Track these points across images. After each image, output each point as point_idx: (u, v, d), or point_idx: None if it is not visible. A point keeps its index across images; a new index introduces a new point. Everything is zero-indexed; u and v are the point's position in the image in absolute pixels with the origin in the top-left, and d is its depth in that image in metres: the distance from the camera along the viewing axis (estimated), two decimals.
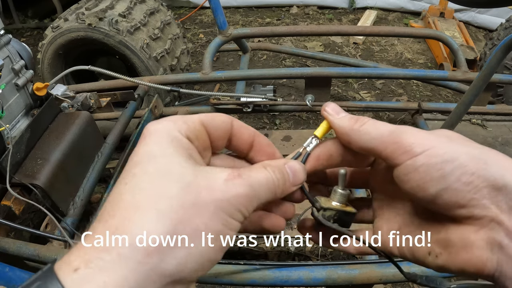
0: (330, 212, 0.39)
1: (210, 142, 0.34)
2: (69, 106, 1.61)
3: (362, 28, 2.44)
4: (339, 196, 0.40)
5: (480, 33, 3.71)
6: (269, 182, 0.32)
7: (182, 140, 0.30)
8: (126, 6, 2.13)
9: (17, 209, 1.21)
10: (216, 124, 0.34)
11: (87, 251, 0.25)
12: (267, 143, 0.37)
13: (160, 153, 0.29)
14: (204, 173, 0.29)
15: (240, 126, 0.36)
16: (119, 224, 0.25)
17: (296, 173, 0.35)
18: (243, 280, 1.06)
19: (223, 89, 2.92)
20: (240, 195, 0.29)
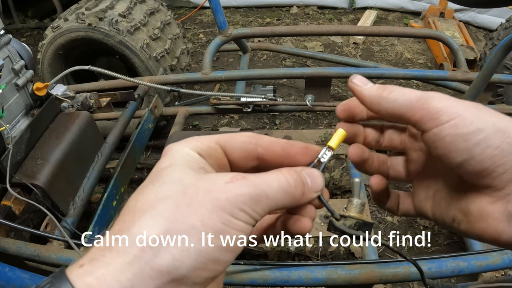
0: (350, 221, 0.38)
1: (228, 161, 0.36)
2: (69, 106, 1.61)
3: (362, 28, 2.44)
4: (355, 205, 0.40)
5: (480, 33, 3.71)
6: (281, 184, 0.32)
7: (193, 155, 0.32)
8: (126, 6, 2.13)
9: (17, 209, 1.21)
10: (234, 144, 0.35)
11: (93, 251, 0.28)
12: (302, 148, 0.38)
13: (169, 165, 0.31)
14: (207, 178, 0.31)
15: (270, 142, 0.37)
16: (122, 226, 0.28)
17: (314, 179, 0.36)
18: (243, 280, 1.06)
19: (223, 89, 2.92)
20: (242, 194, 0.30)
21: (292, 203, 0.34)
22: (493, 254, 1.10)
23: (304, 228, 0.37)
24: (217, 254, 0.28)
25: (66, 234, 1.17)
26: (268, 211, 0.32)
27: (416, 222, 1.93)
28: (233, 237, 0.29)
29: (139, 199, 0.29)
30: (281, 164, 0.37)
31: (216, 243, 0.28)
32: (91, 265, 0.26)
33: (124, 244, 0.27)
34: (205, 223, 0.28)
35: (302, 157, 0.38)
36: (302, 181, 0.34)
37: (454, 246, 1.81)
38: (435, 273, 1.07)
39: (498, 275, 1.18)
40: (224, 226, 0.28)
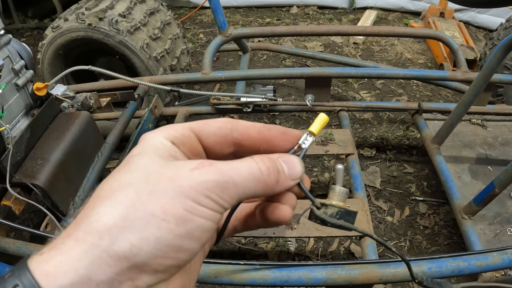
0: (332, 210, 0.37)
1: (203, 148, 0.35)
2: (69, 106, 1.61)
3: (362, 28, 2.44)
4: (338, 193, 0.38)
5: (480, 33, 3.71)
6: (252, 171, 0.31)
7: (165, 143, 0.32)
8: (126, 6, 2.13)
9: (17, 209, 1.21)
10: (210, 130, 0.35)
11: (53, 240, 0.27)
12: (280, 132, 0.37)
13: (138, 153, 0.31)
14: (173, 165, 0.30)
15: (247, 127, 0.36)
16: (83, 214, 0.28)
17: (292, 166, 0.35)
18: (243, 280, 1.06)
19: (223, 89, 2.92)
20: (207, 181, 0.29)
21: (265, 192, 0.33)
22: (493, 254, 1.10)
23: (283, 216, 0.36)
24: (179, 241, 0.28)
25: None
26: (237, 199, 0.31)
27: (416, 222, 1.94)
28: (198, 224, 0.28)
29: (103, 187, 0.29)
30: (258, 149, 0.36)
31: (177, 231, 0.27)
32: (50, 253, 0.26)
33: (82, 232, 0.26)
34: (166, 210, 0.27)
35: (280, 142, 0.37)
36: (276, 168, 0.33)
37: (454, 246, 1.81)
38: (435, 273, 1.07)
39: (498, 275, 1.18)
40: (187, 213, 0.28)
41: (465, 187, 1.57)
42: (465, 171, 1.65)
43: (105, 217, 0.27)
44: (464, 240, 1.38)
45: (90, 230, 0.26)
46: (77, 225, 0.27)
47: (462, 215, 1.42)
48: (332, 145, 1.68)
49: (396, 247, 1.83)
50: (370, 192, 2.09)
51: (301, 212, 1.38)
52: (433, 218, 1.94)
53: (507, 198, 1.50)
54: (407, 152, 2.33)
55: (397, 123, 2.55)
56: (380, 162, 2.28)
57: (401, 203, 2.04)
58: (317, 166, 2.27)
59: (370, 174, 2.19)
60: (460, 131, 1.84)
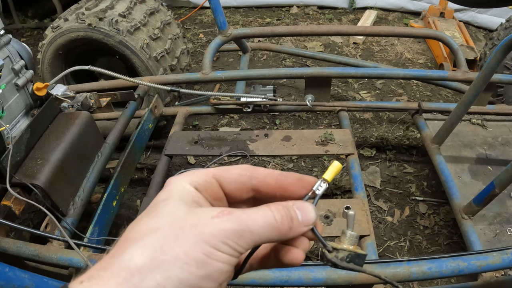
0: (343, 254, 0.39)
1: (224, 193, 0.39)
2: (69, 106, 1.61)
3: (362, 28, 2.44)
4: (349, 238, 0.40)
5: (480, 33, 3.71)
6: (267, 220, 0.35)
7: (189, 189, 0.36)
8: (126, 6, 2.13)
9: (17, 209, 1.21)
10: (230, 177, 0.39)
11: (91, 270, 0.31)
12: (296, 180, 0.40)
13: (165, 199, 0.35)
14: (196, 212, 0.34)
15: (265, 175, 0.39)
16: (116, 251, 0.32)
17: (305, 213, 0.37)
18: (243, 280, 1.06)
19: (223, 89, 2.92)
20: (225, 229, 0.33)
21: (279, 238, 0.36)
22: (493, 254, 1.10)
23: (296, 259, 0.38)
24: (198, 282, 0.31)
25: (66, 234, 1.17)
26: (252, 245, 0.34)
27: (416, 222, 1.94)
28: (216, 268, 0.32)
29: (133, 229, 0.33)
30: (275, 195, 0.40)
31: (197, 273, 0.31)
32: (89, 283, 0.30)
33: (116, 267, 0.30)
34: (188, 254, 0.31)
35: (296, 188, 0.40)
36: (290, 216, 0.36)
37: (454, 246, 1.81)
38: (435, 273, 1.07)
39: (498, 275, 1.18)
40: (205, 257, 0.31)
41: (465, 187, 1.57)
42: (465, 171, 1.65)
43: (136, 257, 0.31)
44: (464, 240, 1.37)
45: (123, 267, 0.30)
46: (111, 261, 0.31)
47: (462, 215, 1.42)
48: (332, 145, 1.68)
49: (396, 247, 1.84)
50: (370, 192, 2.09)
51: None
52: (433, 218, 1.94)
53: (507, 198, 1.50)
54: (407, 152, 2.33)
55: (397, 123, 2.55)
56: (380, 162, 2.28)
57: (401, 203, 2.04)
58: (317, 166, 2.27)
59: (370, 174, 2.19)
60: (460, 131, 1.84)
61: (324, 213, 1.37)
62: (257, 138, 1.73)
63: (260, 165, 2.27)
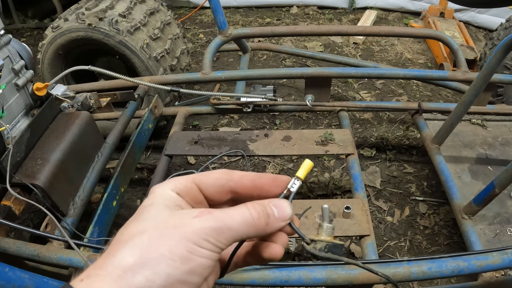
0: (320, 245, 0.42)
1: (204, 197, 0.42)
2: (69, 106, 1.61)
3: (362, 28, 2.44)
4: (325, 229, 0.44)
5: (480, 33, 3.71)
6: (244, 217, 0.38)
7: (171, 195, 0.40)
8: (126, 6, 2.13)
9: (17, 209, 1.21)
10: (209, 181, 0.42)
11: (89, 269, 0.35)
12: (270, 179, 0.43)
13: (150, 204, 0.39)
14: (178, 214, 0.37)
15: (241, 177, 0.43)
16: (109, 252, 0.35)
17: (282, 209, 0.40)
18: (243, 280, 1.06)
19: (223, 89, 2.92)
20: (205, 227, 0.36)
21: (257, 233, 0.39)
22: (493, 254, 1.09)
23: (275, 254, 0.41)
24: (184, 276, 0.34)
25: (66, 234, 1.17)
26: (232, 241, 0.37)
27: (416, 222, 1.94)
28: (199, 263, 0.35)
29: (124, 233, 0.37)
30: (252, 195, 0.43)
31: (182, 268, 0.34)
32: (88, 280, 0.34)
33: (111, 266, 0.34)
34: (172, 251, 0.34)
35: (271, 188, 0.43)
36: (266, 213, 0.39)
37: (454, 246, 1.81)
38: (435, 273, 1.07)
39: (498, 275, 1.18)
40: (189, 254, 0.35)
41: (465, 187, 1.57)
42: (465, 171, 1.65)
43: (127, 257, 0.34)
44: (464, 240, 1.37)
45: (116, 266, 0.34)
46: (105, 260, 0.35)
47: (462, 215, 1.42)
48: (332, 145, 1.68)
49: (396, 247, 1.84)
50: (370, 192, 2.09)
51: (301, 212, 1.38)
52: (433, 218, 1.94)
53: (507, 198, 1.50)
54: (407, 152, 2.33)
55: (397, 123, 2.55)
56: (380, 162, 2.28)
57: (401, 203, 2.04)
58: (317, 166, 2.27)
59: (370, 174, 2.19)
60: (460, 131, 1.84)
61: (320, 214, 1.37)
62: (257, 138, 1.73)
63: (260, 165, 2.27)
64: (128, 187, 1.82)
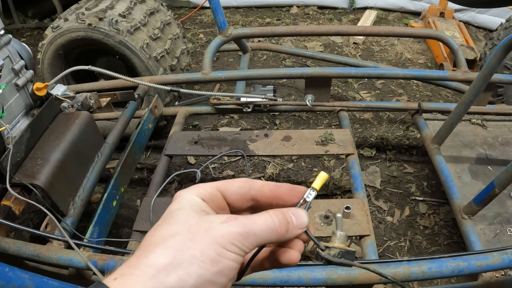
0: (334, 251, 0.45)
1: (227, 203, 0.45)
2: (69, 106, 1.61)
3: (362, 28, 2.44)
4: (339, 237, 0.46)
5: (480, 33, 3.71)
6: (267, 223, 0.40)
7: (197, 201, 0.42)
8: (126, 6, 2.13)
9: (17, 209, 1.21)
10: (231, 189, 0.45)
11: (122, 268, 0.37)
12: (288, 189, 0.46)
13: (178, 209, 0.41)
14: (207, 219, 0.40)
15: (261, 185, 0.46)
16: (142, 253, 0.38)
17: (299, 217, 0.43)
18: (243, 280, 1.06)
19: (223, 89, 2.92)
20: (232, 232, 0.38)
21: (278, 239, 0.41)
22: (493, 254, 1.09)
23: (292, 260, 0.44)
24: (213, 277, 0.37)
25: (66, 234, 1.17)
26: (256, 245, 0.40)
27: (416, 222, 1.94)
28: (226, 264, 0.37)
29: (154, 235, 0.39)
30: (271, 203, 0.46)
31: (211, 269, 0.37)
32: (122, 278, 0.36)
33: (144, 266, 0.36)
34: (203, 253, 0.36)
35: (289, 197, 0.46)
36: (286, 220, 0.42)
37: (454, 246, 1.81)
38: (435, 273, 1.07)
39: (498, 275, 1.18)
40: (218, 256, 0.37)
41: (465, 187, 1.57)
42: (465, 171, 1.65)
43: (160, 257, 0.36)
44: (464, 240, 1.37)
45: (150, 265, 0.36)
46: (138, 261, 0.37)
47: (462, 215, 1.42)
48: (332, 145, 1.68)
49: (396, 247, 1.84)
50: (370, 192, 2.09)
51: None
52: (433, 218, 1.94)
53: (507, 198, 1.50)
54: (407, 152, 2.33)
55: (397, 123, 2.55)
56: (380, 162, 2.28)
57: (401, 203, 2.04)
58: (317, 166, 2.27)
59: (370, 174, 2.19)
60: (460, 131, 1.84)
61: (324, 213, 1.37)
62: (257, 138, 1.73)
63: (260, 165, 2.27)
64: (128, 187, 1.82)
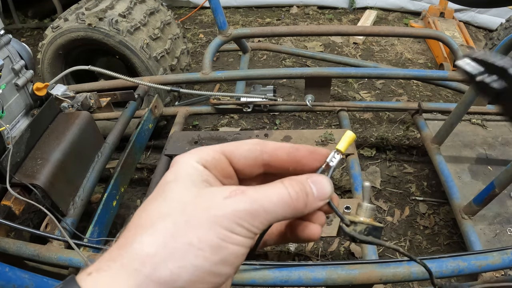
0: (360, 227, 0.38)
1: (234, 170, 0.37)
2: (69, 106, 1.61)
3: (362, 28, 2.44)
4: (365, 210, 0.39)
5: (480, 33, 3.70)
6: (282, 197, 0.33)
7: (198, 168, 0.34)
8: (126, 6, 2.13)
9: (17, 209, 1.21)
10: (239, 153, 0.36)
11: (99, 261, 0.30)
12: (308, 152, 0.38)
13: (173, 180, 0.33)
14: (207, 193, 0.32)
15: (275, 148, 0.37)
16: (125, 241, 0.30)
17: (321, 187, 0.35)
18: (243, 280, 1.06)
19: (223, 89, 2.92)
20: (239, 210, 0.30)
21: (294, 215, 0.34)
22: (493, 254, 1.10)
23: (313, 235, 0.37)
24: (214, 268, 0.29)
25: (66, 234, 1.17)
26: (267, 224, 0.32)
27: (416, 222, 1.93)
28: (231, 251, 0.30)
29: (142, 216, 0.31)
30: (287, 169, 0.37)
31: (212, 259, 0.29)
32: (98, 274, 0.28)
33: (127, 258, 0.29)
34: (202, 240, 0.29)
35: (309, 161, 0.38)
36: (305, 191, 0.34)
37: (454, 246, 1.81)
38: (435, 273, 1.07)
39: (498, 275, 1.18)
40: (221, 241, 0.30)
41: (465, 187, 1.57)
42: (465, 171, 1.65)
43: (146, 246, 0.29)
44: (464, 240, 1.37)
45: (133, 257, 0.28)
46: (120, 251, 0.29)
47: (462, 215, 1.42)
48: (332, 145, 1.68)
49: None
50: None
51: None
52: (433, 218, 1.94)
53: (507, 198, 1.50)
54: (407, 152, 2.33)
55: (397, 123, 2.55)
56: (380, 162, 2.28)
57: (401, 203, 2.04)
58: None
59: (370, 174, 2.19)
60: (460, 131, 1.84)
61: None
62: (257, 138, 1.72)
63: None
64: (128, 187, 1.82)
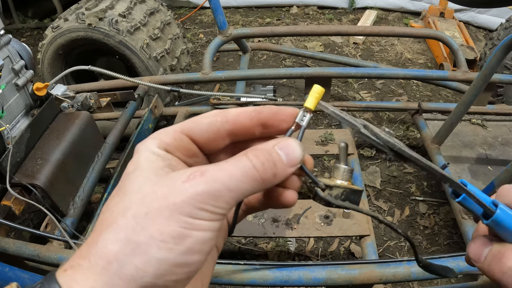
0: (337, 191, 0.35)
1: (198, 147, 0.35)
2: (69, 106, 1.61)
3: (362, 28, 2.44)
4: (342, 172, 0.37)
5: (480, 33, 3.71)
6: (246, 171, 0.30)
7: (158, 153, 0.32)
8: (126, 6, 2.13)
9: (17, 209, 1.21)
10: (200, 128, 0.34)
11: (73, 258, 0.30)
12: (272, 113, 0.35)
13: (133, 170, 0.31)
14: (166, 180, 0.30)
15: (237, 115, 0.34)
16: (92, 239, 0.30)
17: (290, 152, 0.33)
18: (243, 280, 1.06)
19: (223, 89, 2.92)
20: (199, 193, 0.29)
21: (264, 187, 0.32)
22: None
23: (289, 201, 0.35)
24: (180, 259, 0.28)
25: (66, 234, 1.17)
26: (234, 203, 0.30)
27: (416, 222, 1.93)
28: (196, 238, 0.29)
29: (106, 211, 0.30)
30: (254, 133, 0.35)
31: (177, 249, 0.28)
32: (71, 271, 0.29)
33: (94, 256, 0.28)
34: (163, 231, 0.28)
35: (274, 122, 0.35)
36: (272, 161, 0.32)
37: (454, 246, 1.81)
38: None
39: None
40: (183, 230, 0.28)
41: None
42: (465, 171, 1.65)
43: (110, 244, 0.28)
44: (464, 240, 1.38)
45: (99, 255, 0.28)
46: (89, 249, 0.29)
47: (462, 215, 1.42)
48: (332, 145, 1.68)
49: (396, 247, 1.84)
50: (370, 192, 2.09)
51: (301, 212, 1.38)
52: (433, 218, 1.94)
53: None
54: None
55: (397, 123, 2.55)
56: (380, 162, 2.28)
57: (401, 203, 2.04)
58: (317, 166, 2.26)
59: (370, 174, 2.19)
60: (460, 131, 1.84)
61: (324, 213, 1.37)
62: None
63: None
64: None
